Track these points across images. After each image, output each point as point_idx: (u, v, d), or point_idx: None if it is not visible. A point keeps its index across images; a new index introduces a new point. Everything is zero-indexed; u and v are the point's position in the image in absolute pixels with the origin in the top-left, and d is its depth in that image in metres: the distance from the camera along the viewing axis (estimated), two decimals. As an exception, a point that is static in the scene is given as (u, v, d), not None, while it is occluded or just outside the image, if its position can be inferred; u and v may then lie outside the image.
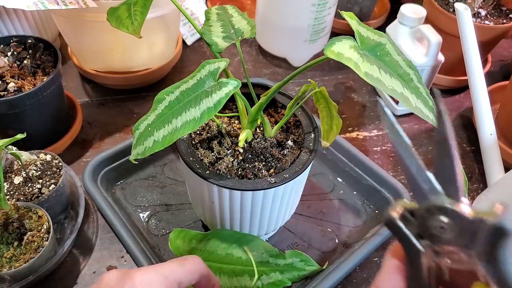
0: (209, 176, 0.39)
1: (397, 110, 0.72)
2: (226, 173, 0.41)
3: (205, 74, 0.36)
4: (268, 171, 0.42)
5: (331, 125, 0.45)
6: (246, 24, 0.45)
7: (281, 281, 0.47)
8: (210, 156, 0.42)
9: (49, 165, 0.52)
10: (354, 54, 0.31)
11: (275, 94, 0.40)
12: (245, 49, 0.85)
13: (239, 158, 0.43)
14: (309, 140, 0.44)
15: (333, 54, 0.31)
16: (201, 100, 0.34)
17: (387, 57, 0.34)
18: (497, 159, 0.58)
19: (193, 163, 0.40)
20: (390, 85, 0.32)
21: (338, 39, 0.32)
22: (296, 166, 0.42)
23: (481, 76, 0.58)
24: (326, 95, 0.43)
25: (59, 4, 0.54)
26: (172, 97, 0.36)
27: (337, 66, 0.82)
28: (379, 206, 0.58)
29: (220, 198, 0.41)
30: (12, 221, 0.46)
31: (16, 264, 0.44)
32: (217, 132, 0.45)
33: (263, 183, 0.40)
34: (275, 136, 0.45)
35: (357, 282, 0.51)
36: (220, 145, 0.44)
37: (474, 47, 0.58)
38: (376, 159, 0.65)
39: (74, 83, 0.75)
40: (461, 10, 0.57)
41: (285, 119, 0.44)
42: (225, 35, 0.44)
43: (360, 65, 0.31)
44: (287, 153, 0.44)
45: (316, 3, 0.69)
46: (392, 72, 0.33)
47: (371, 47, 0.33)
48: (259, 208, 0.43)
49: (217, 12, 0.47)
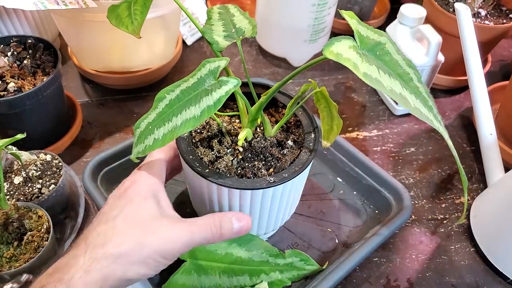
0: (208, 175, 0.39)
1: (397, 110, 0.72)
2: (225, 171, 0.41)
3: (206, 73, 0.36)
4: (268, 170, 0.42)
5: (331, 125, 0.45)
6: (248, 23, 0.45)
7: (280, 281, 0.47)
8: (210, 155, 0.42)
9: (49, 165, 0.52)
10: (353, 54, 0.31)
11: (275, 93, 0.40)
12: (245, 49, 0.85)
13: (238, 157, 0.43)
14: (309, 140, 0.44)
15: (332, 55, 0.30)
16: (201, 99, 0.34)
17: (386, 57, 0.34)
18: (497, 159, 0.58)
19: (192, 161, 0.40)
20: (389, 86, 0.31)
21: (337, 39, 0.31)
22: (296, 166, 0.42)
23: (481, 76, 0.58)
24: (327, 95, 0.43)
25: (59, 4, 0.54)
26: (173, 95, 0.36)
27: (337, 66, 0.82)
28: (379, 206, 0.58)
29: (219, 196, 0.41)
30: (12, 221, 0.46)
31: (16, 264, 0.44)
32: (218, 131, 0.45)
33: (262, 182, 0.40)
34: (275, 136, 0.45)
35: (357, 282, 0.51)
36: (220, 144, 0.44)
37: (474, 47, 0.58)
38: (376, 159, 0.65)
39: (74, 83, 0.75)
40: (461, 10, 0.57)
41: (285, 118, 0.44)
42: (226, 34, 0.44)
43: (359, 66, 0.30)
44: (287, 153, 0.44)
45: (316, 3, 0.69)
46: (392, 72, 0.33)
47: (370, 47, 0.33)
48: (258, 207, 0.43)
49: (219, 12, 0.47)
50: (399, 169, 0.64)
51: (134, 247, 0.34)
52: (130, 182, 0.39)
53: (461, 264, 0.53)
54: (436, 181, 0.63)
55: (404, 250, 0.54)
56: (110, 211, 0.37)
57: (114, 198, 0.38)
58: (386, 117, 0.73)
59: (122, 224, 0.35)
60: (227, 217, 0.39)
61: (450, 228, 0.57)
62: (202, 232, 0.37)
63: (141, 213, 0.36)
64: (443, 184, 0.63)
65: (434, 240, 0.56)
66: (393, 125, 0.71)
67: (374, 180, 0.58)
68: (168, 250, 0.35)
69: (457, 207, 0.60)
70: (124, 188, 0.39)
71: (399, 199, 0.55)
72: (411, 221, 0.58)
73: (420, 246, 0.55)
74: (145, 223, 0.36)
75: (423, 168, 0.65)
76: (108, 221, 0.36)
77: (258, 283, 0.46)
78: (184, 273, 0.44)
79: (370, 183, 0.58)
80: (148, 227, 0.36)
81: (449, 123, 0.72)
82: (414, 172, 0.64)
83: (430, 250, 0.55)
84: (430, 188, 0.62)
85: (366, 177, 0.58)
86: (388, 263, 0.53)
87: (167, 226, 0.36)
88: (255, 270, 0.46)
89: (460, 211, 0.59)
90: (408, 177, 0.63)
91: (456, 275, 0.52)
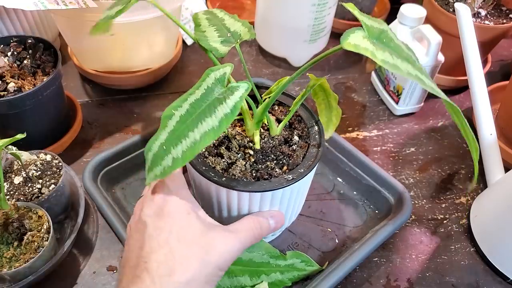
0: (227, 183, 0.39)
1: (397, 110, 0.72)
2: (241, 177, 0.40)
3: (212, 82, 0.35)
4: (281, 168, 0.42)
5: (330, 116, 0.46)
6: (241, 26, 0.44)
7: (281, 281, 0.47)
8: (221, 163, 0.42)
9: (49, 165, 0.52)
10: (368, 44, 0.32)
11: (280, 93, 0.40)
12: (245, 49, 0.85)
13: (251, 160, 0.42)
14: (314, 133, 0.45)
15: (350, 46, 0.31)
16: (215, 108, 0.33)
17: (392, 43, 0.34)
18: (497, 159, 0.58)
19: (207, 172, 0.40)
20: (405, 69, 0.32)
21: (351, 31, 0.32)
22: (308, 160, 0.42)
23: (481, 76, 0.58)
24: (327, 86, 0.43)
25: (59, 4, 0.54)
26: (182, 111, 0.34)
27: (337, 66, 0.82)
28: (379, 206, 0.58)
29: (240, 202, 0.41)
30: (12, 221, 0.46)
31: (16, 264, 0.44)
32: (223, 138, 0.44)
33: (282, 181, 0.40)
34: (280, 134, 0.45)
35: (357, 282, 0.51)
36: (228, 150, 0.43)
37: (474, 47, 0.58)
38: (376, 159, 0.65)
39: (74, 83, 0.75)
40: (461, 10, 0.57)
41: (290, 115, 0.45)
42: (223, 39, 0.42)
43: (376, 54, 0.31)
44: (296, 148, 0.44)
45: (316, 3, 0.69)
46: (400, 56, 0.33)
47: (377, 35, 0.34)
48: (277, 207, 0.43)
49: (206, 17, 0.46)
50: (399, 169, 0.64)
51: (200, 269, 0.33)
52: (162, 200, 0.37)
53: (461, 264, 0.53)
54: (436, 181, 0.63)
55: (404, 250, 0.54)
56: (157, 234, 0.35)
57: (151, 217, 0.36)
58: (386, 117, 0.73)
59: (179, 246, 0.34)
60: (264, 218, 0.41)
61: (450, 228, 0.57)
62: (248, 237, 0.38)
63: (191, 230, 0.35)
64: (443, 184, 0.63)
65: (434, 240, 0.56)
66: (393, 125, 0.71)
67: (374, 180, 0.58)
68: (226, 262, 0.36)
69: (457, 207, 0.60)
70: (159, 206, 0.36)
71: (399, 199, 0.55)
72: (411, 221, 0.58)
73: (420, 246, 0.55)
74: (200, 240, 0.35)
75: (423, 168, 0.65)
76: (162, 246, 0.34)
77: (258, 283, 0.46)
78: (184, 273, 0.44)
79: (370, 183, 0.58)
80: (204, 243, 0.35)
81: (449, 123, 0.72)
82: (414, 172, 0.64)
83: (430, 250, 0.55)
84: (430, 188, 0.62)
85: (366, 177, 0.58)
86: (388, 263, 0.53)
87: (220, 239, 0.36)
88: (255, 271, 0.46)
89: (460, 211, 0.59)
90: (408, 177, 0.63)
91: (456, 275, 0.52)
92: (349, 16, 0.86)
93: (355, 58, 0.84)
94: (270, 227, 0.41)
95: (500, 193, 0.54)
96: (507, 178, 0.54)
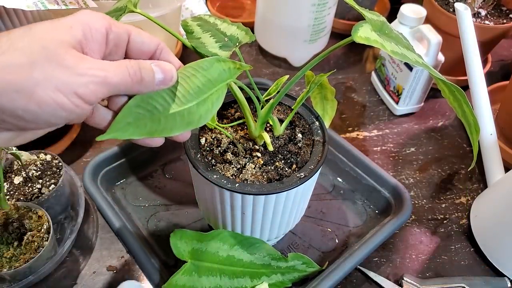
0: (241, 188, 0.39)
1: (397, 110, 0.72)
2: (253, 180, 0.40)
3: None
4: (291, 167, 0.42)
5: (325, 108, 0.46)
6: (237, 29, 0.43)
7: (281, 283, 0.47)
8: (231, 169, 0.41)
9: (49, 165, 0.52)
10: (376, 36, 0.32)
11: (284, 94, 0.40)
12: (245, 49, 0.85)
13: (260, 163, 0.42)
14: (316, 128, 0.45)
15: (362, 39, 0.31)
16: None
17: (392, 33, 0.35)
18: (497, 159, 0.58)
19: (219, 180, 0.39)
20: (413, 57, 0.33)
21: (359, 25, 0.33)
22: (316, 155, 0.42)
23: (481, 76, 0.58)
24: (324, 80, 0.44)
25: (59, 4, 0.54)
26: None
27: (337, 66, 0.82)
28: (379, 206, 0.58)
29: (255, 206, 0.41)
30: (12, 221, 0.46)
31: (16, 264, 0.44)
32: (228, 144, 0.44)
33: (295, 180, 0.40)
34: (284, 133, 0.45)
35: (357, 282, 0.51)
36: (235, 155, 0.43)
37: (474, 47, 0.58)
38: (376, 159, 0.65)
39: (74, 83, 0.74)
40: (461, 10, 0.57)
41: (292, 113, 0.45)
42: (221, 44, 0.41)
43: (385, 45, 0.32)
44: (302, 146, 0.44)
45: (316, 3, 0.69)
46: (403, 46, 0.34)
47: (379, 27, 0.34)
48: (289, 206, 0.43)
49: (197, 24, 0.45)
50: (399, 169, 0.64)
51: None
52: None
53: (461, 264, 0.53)
54: (436, 181, 0.63)
55: (404, 250, 0.54)
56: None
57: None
58: (386, 117, 0.73)
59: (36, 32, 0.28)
60: (144, 61, 0.33)
61: (450, 228, 0.57)
62: (117, 68, 0.30)
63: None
64: (443, 184, 0.63)
65: (434, 240, 0.56)
66: (393, 125, 0.71)
67: (374, 180, 0.58)
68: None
69: (457, 207, 0.60)
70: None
71: (399, 199, 0.55)
72: (411, 221, 0.58)
73: (420, 246, 0.55)
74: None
75: (423, 168, 0.65)
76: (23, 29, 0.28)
77: (258, 284, 0.46)
78: (184, 273, 0.44)
79: (370, 183, 0.58)
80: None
81: (449, 123, 0.72)
82: (414, 172, 0.64)
83: (430, 250, 0.55)
84: (430, 188, 0.62)
85: (366, 177, 0.58)
86: (388, 263, 0.53)
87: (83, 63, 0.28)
88: (256, 272, 0.46)
89: (460, 211, 0.59)
90: (408, 177, 0.63)
91: (456, 275, 0.52)
92: (349, 16, 0.86)
93: (355, 58, 0.85)
94: (154, 75, 0.33)
95: (500, 193, 0.54)
96: (507, 178, 0.54)
